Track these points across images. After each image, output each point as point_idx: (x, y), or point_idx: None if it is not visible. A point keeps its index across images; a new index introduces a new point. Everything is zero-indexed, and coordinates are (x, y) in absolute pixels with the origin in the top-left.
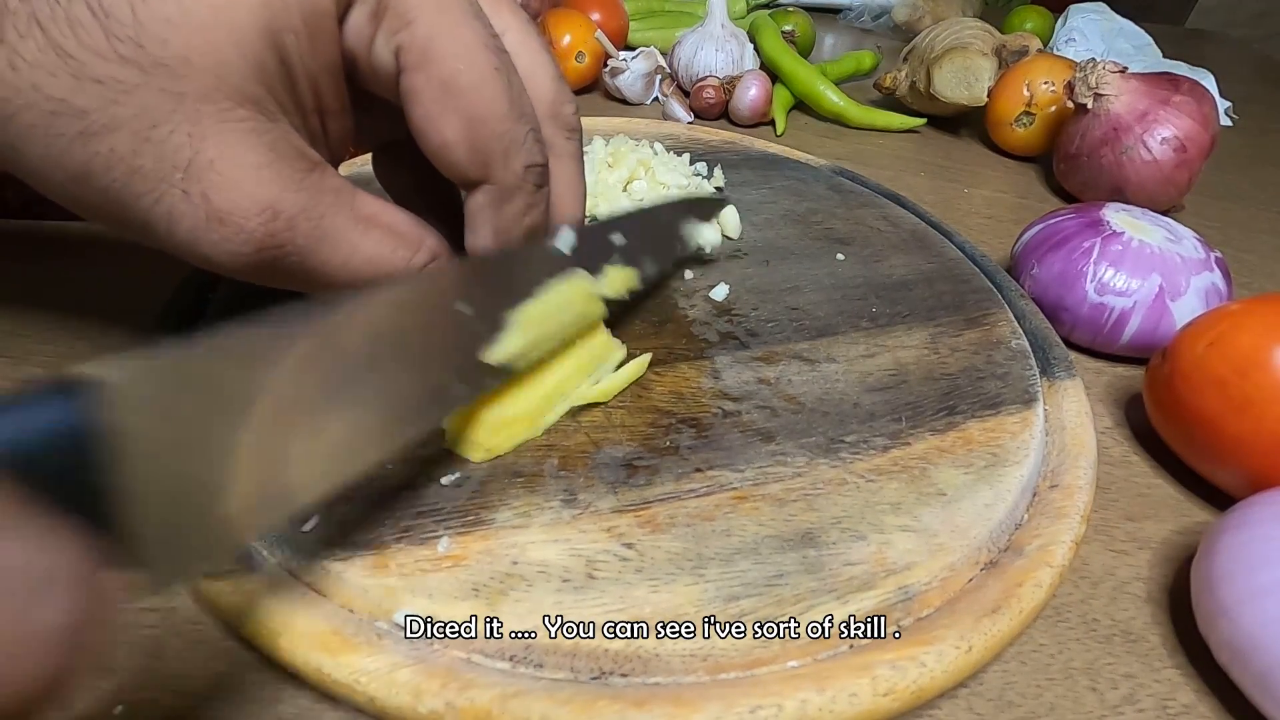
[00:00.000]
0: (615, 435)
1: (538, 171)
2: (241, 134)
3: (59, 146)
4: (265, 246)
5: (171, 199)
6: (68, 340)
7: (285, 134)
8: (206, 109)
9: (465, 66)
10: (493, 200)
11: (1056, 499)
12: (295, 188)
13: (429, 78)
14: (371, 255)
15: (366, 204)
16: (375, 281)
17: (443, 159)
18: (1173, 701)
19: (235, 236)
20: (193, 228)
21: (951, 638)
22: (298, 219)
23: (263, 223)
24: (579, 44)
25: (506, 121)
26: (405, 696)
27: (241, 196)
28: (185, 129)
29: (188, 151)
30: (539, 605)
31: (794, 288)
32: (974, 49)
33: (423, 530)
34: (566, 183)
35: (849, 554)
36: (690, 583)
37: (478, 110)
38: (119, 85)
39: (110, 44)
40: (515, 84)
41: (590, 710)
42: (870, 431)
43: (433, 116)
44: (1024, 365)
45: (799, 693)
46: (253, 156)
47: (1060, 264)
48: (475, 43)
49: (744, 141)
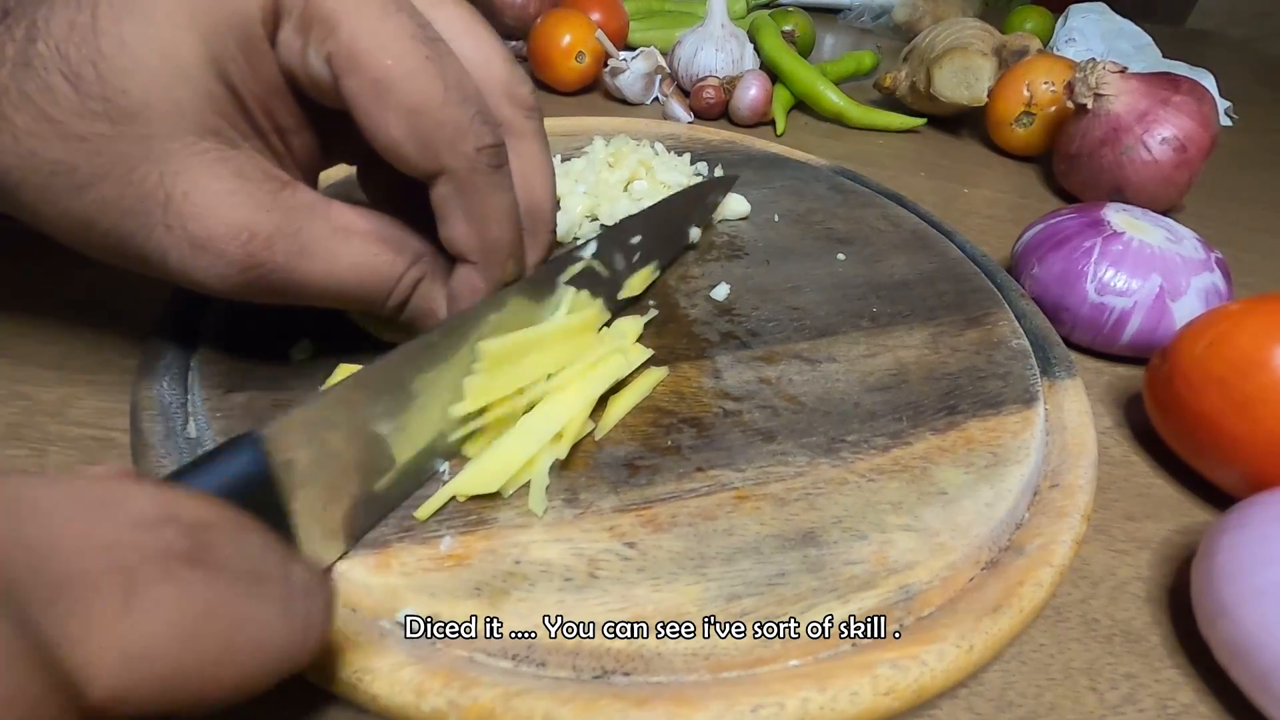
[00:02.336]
0: (616, 435)
1: (491, 152)
2: (208, 164)
3: (62, 202)
4: (248, 267)
5: (158, 234)
6: (68, 340)
7: (250, 158)
8: (173, 146)
9: (393, 61)
10: (454, 188)
11: (1057, 498)
12: (267, 207)
13: (361, 80)
14: (353, 262)
15: (341, 214)
16: (364, 289)
17: (395, 157)
18: (1173, 701)
19: (219, 261)
20: (181, 258)
21: (952, 637)
22: (274, 237)
23: (241, 244)
24: (579, 44)
25: (446, 108)
26: (408, 695)
27: (217, 223)
28: (158, 168)
29: (163, 188)
30: (541, 604)
31: (795, 287)
32: (974, 49)
33: (425, 529)
34: (531, 160)
35: (850, 553)
36: (692, 582)
37: (414, 101)
38: (99, 138)
39: (83, 103)
40: (450, 70)
41: (593, 709)
42: (871, 431)
43: (374, 116)
44: (1025, 365)
45: (800, 691)
46: (221, 184)
47: (1061, 264)
48: (400, 35)
49: (745, 141)
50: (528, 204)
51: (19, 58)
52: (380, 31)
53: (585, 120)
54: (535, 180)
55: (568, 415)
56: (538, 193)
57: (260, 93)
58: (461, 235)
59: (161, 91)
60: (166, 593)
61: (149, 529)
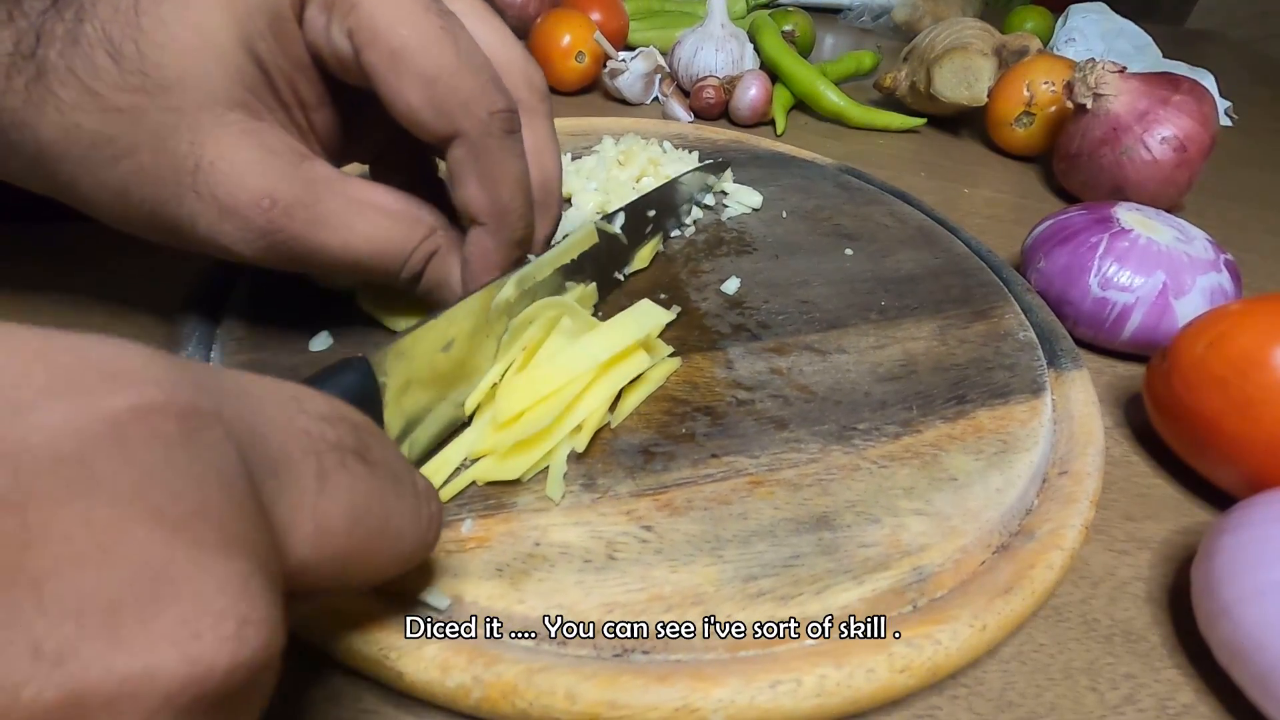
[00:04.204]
0: (632, 423)
1: (504, 117)
2: (235, 135)
3: (101, 171)
4: (268, 231)
5: (189, 200)
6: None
7: (273, 130)
8: (203, 117)
9: (409, 31)
10: (467, 151)
11: (1066, 485)
12: (289, 178)
13: (380, 51)
14: (369, 234)
15: (359, 188)
16: (378, 260)
17: (413, 123)
18: (1173, 701)
19: (243, 226)
20: (209, 224)
21: (966, 616)
22: (294, 206)
23: (263, 210)
24: (579, 44)
25: (460, 74)
26: (433, 671)
27: (241, 189)
28: (188, 137)
29: (193, 156)
30: (561, 585)
31: (804, 282)
32: (974, 49)
33: (446, 512)
34: (542, 139)
35: (864, 536)
36: (709, 563)
37: (430, 69)
38: (136, 110)
39: (124, 77)
40: (463, 40)
41: (614, 685)
42: (882, 419)
43: (392, 85)
44: (1031, 356)
45: (817, 668)
46: (246, 153)
47: (1066, 258)
48: (415, 9)
49: (750, 141)
50: (538, 179)
51: (67, 37)
52: (397, 6)
53: (594, 120)
54: (545, 157)
55: (588, 409)
56: (548, 168)
57: (287, 69)
58: (474, 197)
59: (194, 65)
60: (344, 480)
61: (329, 423)
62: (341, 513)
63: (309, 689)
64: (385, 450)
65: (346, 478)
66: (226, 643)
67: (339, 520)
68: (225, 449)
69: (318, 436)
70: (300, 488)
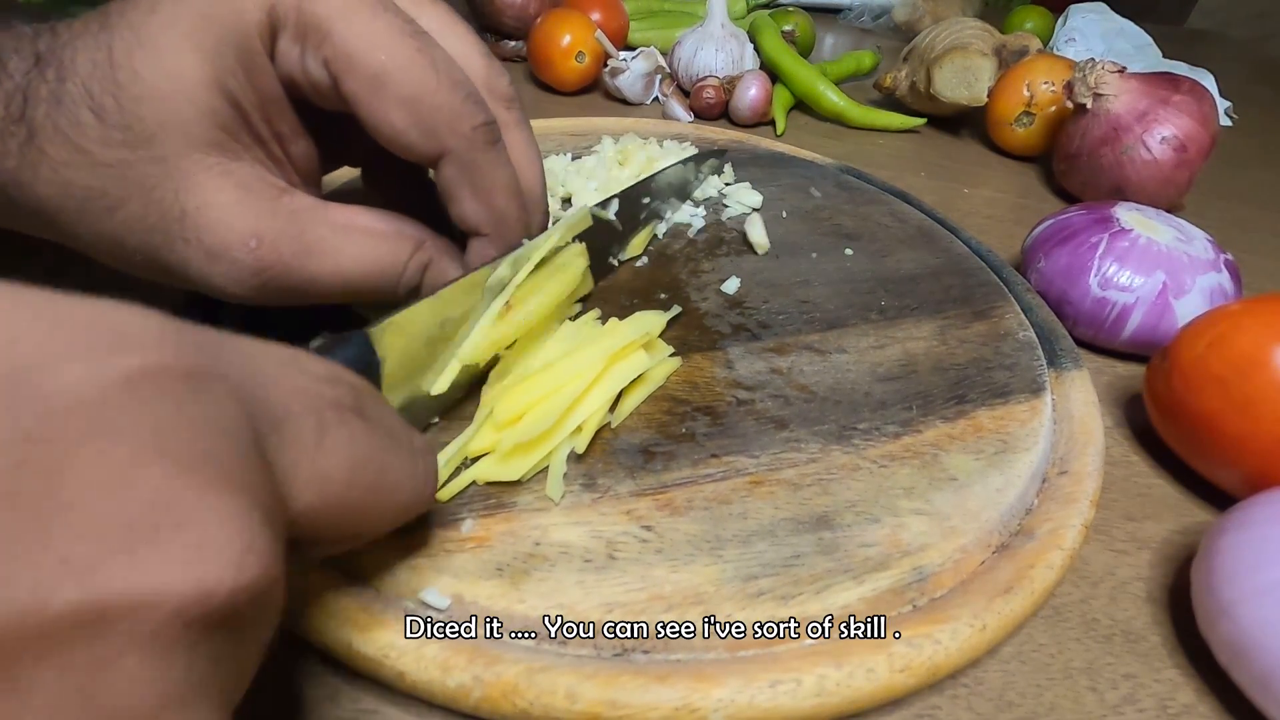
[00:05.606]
0: (632, 423)
1: (486, 129)
2: (215, 179)
3: (97, 223)
4: (259, 270)
5: (179, 247)
6: None
7: (251, 169)
8: (184, 164)
9: (386, 56)
10: (458, 167)
11: (1066, 485)
12: (270, 214)
13: (359, 78)
14: (358, 256)
15: (340, 213)
16: (372, 280)
17: (399, 145)
18: (1173, 701)
19: (233, 267)
20: (200, 267)
21: (966, 616)
22: (279, 240)
23: (251, 250)
24: (579, 44)
25: (440, 93)
26: (434, 671)
27: (228, 232)
28: (172, 186)
29: (178, 205)
30: (562, 584)
31: (804, 281)
32: (974, 49)
33: (446, 512)
34: (519, 147)
35: (864, 536)
36: (709, 563)
37: (411, 90)
38: (122, 164)
39: (108, 133)
40: (440, 59)
41: (614, 684)
42: (882, 419)
43: (375, 110)
44: (1031, 356)
45: (817, 668)
46: (226, 195)
47: (1066, 257)
48: (390, 32)
49: (750, 140)
50: (523, 183)
51: (51, 98)
52: (371, 31)
53: (594, 120)
54: (524, 165)
55: (589, 410)
56: (529, 176)
57: (259, 103)
58: (471, 210)
59: (171, 114)
60: (343, 435)
61: (328, 383)
62: (340, 464)
63: (309, 689)
64: (381, 409)
65: (345, 432)
66: (229, 568)
67: (338, 471)
68: (230, 405)
69: (316, 395)
70: (301, 441)
